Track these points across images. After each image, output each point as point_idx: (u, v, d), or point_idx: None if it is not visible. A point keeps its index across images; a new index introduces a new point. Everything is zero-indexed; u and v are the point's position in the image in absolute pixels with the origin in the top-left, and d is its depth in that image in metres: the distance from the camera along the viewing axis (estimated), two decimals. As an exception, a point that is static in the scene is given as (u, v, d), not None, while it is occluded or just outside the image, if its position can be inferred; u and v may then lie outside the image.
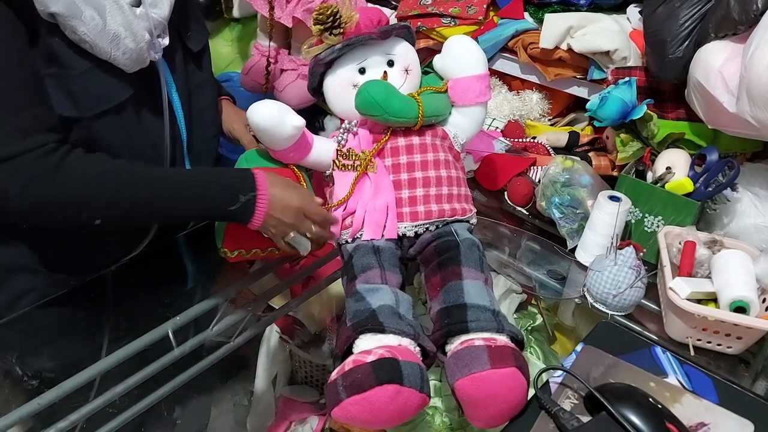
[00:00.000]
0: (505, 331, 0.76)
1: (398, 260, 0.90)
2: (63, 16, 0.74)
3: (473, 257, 0.86)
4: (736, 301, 0.91)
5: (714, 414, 0.74)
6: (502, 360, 0.71)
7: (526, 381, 0.72)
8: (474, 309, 0.78)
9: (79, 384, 0.78)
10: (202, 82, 0.99)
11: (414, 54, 0.99)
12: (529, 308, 1.24)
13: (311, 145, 0.96)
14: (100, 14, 0.76)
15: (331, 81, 0.96)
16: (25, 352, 0.90)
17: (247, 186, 0.83)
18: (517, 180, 1.29)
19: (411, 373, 0.70)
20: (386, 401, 0.68)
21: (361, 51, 0.95)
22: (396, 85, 0.95)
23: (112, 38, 0.78)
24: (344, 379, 0.69)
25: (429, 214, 0.91)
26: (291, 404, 1.30)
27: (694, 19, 1.17)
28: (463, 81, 0.96)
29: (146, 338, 0.85)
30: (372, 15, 0.96)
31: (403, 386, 0.68)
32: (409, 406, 0.70)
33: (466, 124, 0.98)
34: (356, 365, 0.69)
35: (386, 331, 0.75)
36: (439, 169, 0.93)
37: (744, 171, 1.13)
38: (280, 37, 1.72)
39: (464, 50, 0.96)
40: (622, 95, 1.20)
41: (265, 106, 0.88)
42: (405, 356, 0.72)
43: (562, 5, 1.49)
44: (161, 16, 0.85)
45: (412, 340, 0.76)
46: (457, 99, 0.97)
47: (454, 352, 0.74)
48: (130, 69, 0.82)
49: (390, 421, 0.70)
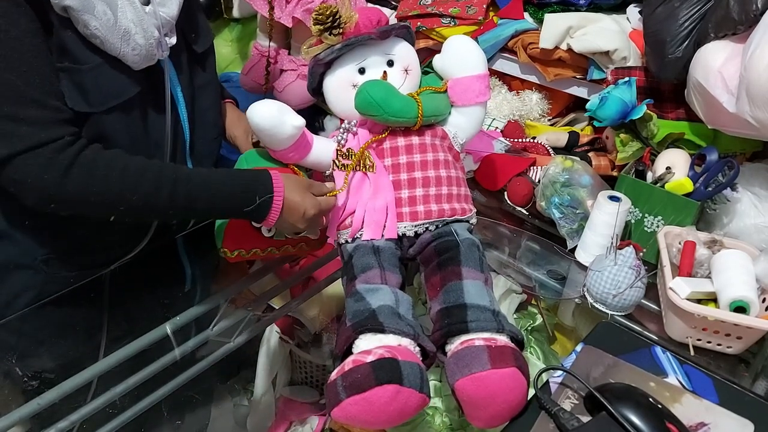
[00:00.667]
0: (505, 331, 0.76)
1: (398, 260, 0.90)
2: (76, 10, 0.74)
3: (473, 257, 0.86)
4: (736, 301, 0.91)
5: (714, 414, 0.74)
6: (503, 360, 0.71)
7: (527, 381, 0.72)
8: (474, 309, 0.78)
9: (79, 384, 0.78)
10: (206, 83, 0.99)
11: (414, 54, 0.99)
12: (529, 308, 1.24)
13: (311, 145, 0.96)
14: (111, 10, 0.77)
15: (331, 81, 0.96)
16: (24, 352, 0.90)
17: (263, 188, 0.84)
18: (517, 180, 1.29)
19: (411, 373, 0.70)
20: (386, 401, 0.68)
21: (361, 51, 0.95)
22: (396, 85, 0.95)
23: (122, 34, 0.79)
24: (344, 379, 0.69)
25: (429, 213, 0.91)
26: (291, 404, 1.30)
27: (694, 19, 1.17)
28: (463, 81, 0.96)
29: (146, 338, 0.85)
30: (372, 15, 0.96)
31: (402, 386, 0.68)
32: (409, 406, 0.69)
33: (465, 123, 0.98)
34: (356, 365, 0.69)
35: (386, 331, 0.75)
36: (439, 169, 0.93)
37: (744, 171, 1.13)
38: (280, 37, 1.72)
39: (464, 50, 0.96)
40: (622, 95, 1.20)
41: (265, 106, 0.89)
42: (405, 356, 0.72)
43: (561, 5, 1.49)
44: (170, 15, 0.86)
45: (412, 340, 0.76)
46: (456, 99, 0.97)
47: (455, 353, 0.74)
48: (139, 66, 0.83)
49: (390, 422, 0.70)
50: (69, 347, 0.93)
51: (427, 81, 1.01)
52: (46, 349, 0.92)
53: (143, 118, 0.88)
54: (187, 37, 0.94)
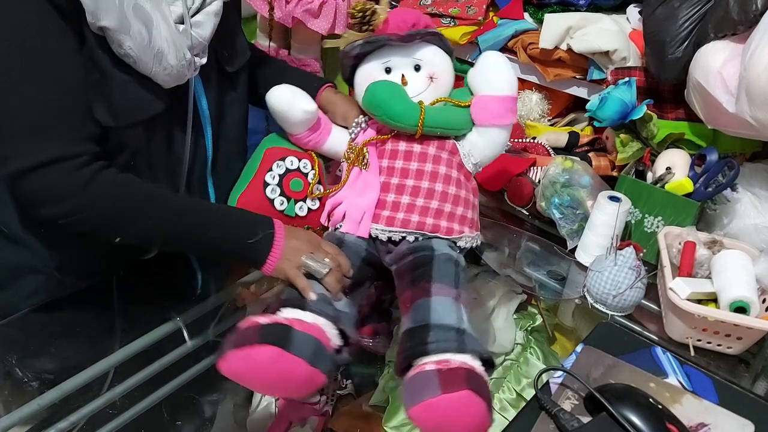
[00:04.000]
0: (467, 350, 0.72)
1: (361, 260, 0.88)
2: (113, 31, 0.74)
3: (447, 272, 0.82)
4: (736, 301, 0.91)
5: (714, 414, 0.74)
6: (454, 383, 0.66)
7: (485, 401, 0.66)
8: (437, 329, 0.74)
9: (79, 384, 0.78)
10: (234, 100, 0.99)
11: (444, 62, 0.96)
12: (529, 308, 1.24)
13: (329, 134, 1.00)
14: (147, 29, 0.76)
15: (359, 74, 0.97)
16: (27, 353, 0.90)
17: (265, 223, 0.84)
18: (517, 180, 1.29)
19: (303, 343, 0.69)
20: (266, 361, 0.67)
21: (388, 51, 0.95)
22: (416, 90, 0.94)
23: (156, 54, 0.78)
24: (235, 334, 0.70)
25: (406, 223, 0.88)
26: (291, 405, 1.30)
27: (694, 19, 1.17)
28: (483, 99, 0.90)
29: (146, 339, 0.86)
30: (407, 17, 0.94)
31: (287, 352, 0.67)
32: (292, 374, 0.68)
33: (481, 144, 0.93)
34: (250, 324, 0.70)
35: (305, 308, 0.76)
36: (435, 182, 0.90)
37: (744, 171, 1.13)
38: (280, 37, 1.72)
39: (491, 68, 0.90)
40: (622, 95, 1.20)
41: (281, 89, 0.94)
42: (306, 329, 0.71)
43: (561, 5, 1.49)
44: (203, 37, 0.85)
45: (330, 323, 0.76)
46: (475, 117, 0.92)
47: (407, 380, 0.71)
48: (168, 85, 0.83)
49: (272, 385, 0.69)
50: (69, 348, 0.93)
51: (458, 93, 0.96)
52: (46, 350, 0.92)
53: (167, 134, 0.88)
54: (219, 56, 0.93)
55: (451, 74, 0.97)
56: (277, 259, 0.82)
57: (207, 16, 0.85)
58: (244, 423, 1.14)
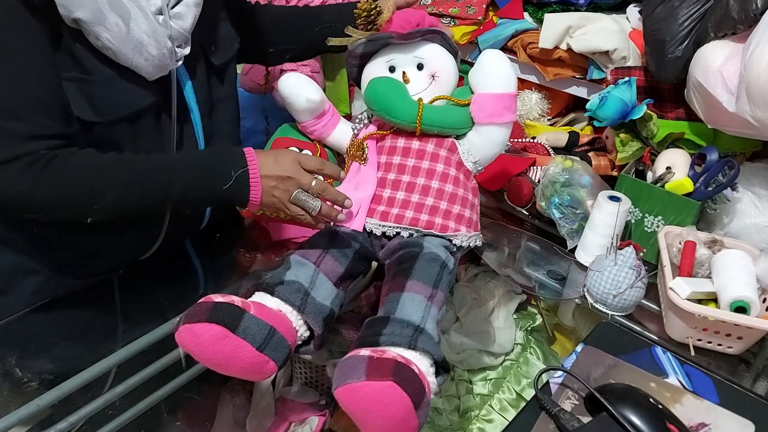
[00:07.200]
0: (418, 348, 0.71)
1: (354, 253, 0.88)
2: (87, 23, 0.73)
3: (428, 272, 0.81)
4: (737, 301, 0.91)
5: (715, 414, 0.74)
6: (380, 372, 0.65)
7: (408, 397, 0.64)
8: (395, 323, 0.74)
9: (79, 385, 0.78)
10: (225, 96, 0.99)
11: (446, 61, 0.96)
12: (529, 308, 1.24)
13: (334, 127, 1.03)
14: (124, 21, 0.76)
15: (364, 73, 0.99)
16: (27, 353, 0.90)
17: (237, 162, 0.82)
18: (517, 180, 1.29)
19: (253, 328, 0.70)
20: (210, 340, 0.68)
21: (392, 50, 0.95)
22: (418, 89, 0.94)
23: (135, 45, 0.78)
24: (191, 308, 0.71)
25: (400, 218, 0.88)
26: (291, 405, 1.30)
27: (694, 18, 1.17)
28: (481, 97, 0.90)
29: (146, 339, 0.85)
30: (411, 17, 0.95)
31: (232, 334, 0.68)
32: (237, 356, 0.69)
33: (479, 143, 0.93)
34: (205, 300, 0.71)
35: (273, 294, 0.76)
36: (432, 179, 0.90)
37: (744, 171, 1.13)
38: (280, 37, 1.72)
39: (489, 65, 0.89)
40: (622, 95, 1.20)
41: (291, 76, 0.98)
42: (265, 315, 0.72)
43: (561, 5, 1.49)
44: (183, 28, 0.85)
45: (295, 311, 0.76)
46: (474, 115, 0.91)
47: (341, 361, 0.71)
48: (152, 76, 0.82)
49: (218, 363, 0.70)
50: (69, 349, 0.93)
51: (459, 92, 0.96)
52: (47, 351, 0.92)
53: (154, 128, 0.87)
54: (206, 49, 0.93)
55: (453, 73, 0.97)
56: (258, 196, 0.82)
57: (187, 7, 0.85)
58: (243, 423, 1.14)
